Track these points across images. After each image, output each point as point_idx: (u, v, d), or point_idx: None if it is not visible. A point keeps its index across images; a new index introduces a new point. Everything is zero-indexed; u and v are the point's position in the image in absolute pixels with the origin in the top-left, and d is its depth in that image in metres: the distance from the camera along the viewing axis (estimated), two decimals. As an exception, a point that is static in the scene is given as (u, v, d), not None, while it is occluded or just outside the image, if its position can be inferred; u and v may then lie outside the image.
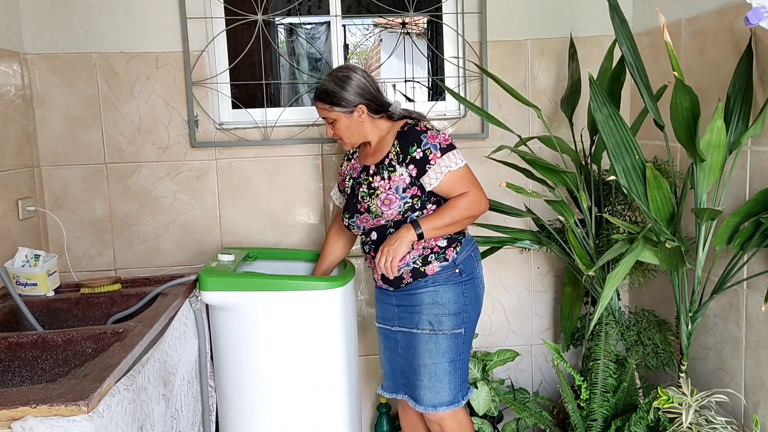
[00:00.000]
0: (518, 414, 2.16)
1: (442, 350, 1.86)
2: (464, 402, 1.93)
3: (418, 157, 1.78)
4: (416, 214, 1.83)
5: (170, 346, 1.70)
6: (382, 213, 1.83)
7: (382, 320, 2.01)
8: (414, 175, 1.79)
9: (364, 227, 1.91)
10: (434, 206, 1.84)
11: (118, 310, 1.90)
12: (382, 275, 1.89)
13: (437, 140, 1.79)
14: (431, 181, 1.79)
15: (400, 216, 1.83)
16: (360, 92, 1.83)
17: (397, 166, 1.81)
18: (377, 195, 1.82)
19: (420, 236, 1.78)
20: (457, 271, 1.86)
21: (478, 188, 1.82)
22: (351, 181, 1.95)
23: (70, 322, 1.91)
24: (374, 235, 1.90)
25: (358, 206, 1.87)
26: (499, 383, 2.34)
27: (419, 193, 1.82)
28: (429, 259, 1.85)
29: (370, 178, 1.85)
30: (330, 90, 1.82)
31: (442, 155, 1.78)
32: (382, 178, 1.82)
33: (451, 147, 1.80)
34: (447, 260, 1.85)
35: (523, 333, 2.57)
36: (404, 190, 1.81)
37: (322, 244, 2.43)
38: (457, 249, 1.87)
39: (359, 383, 2.18)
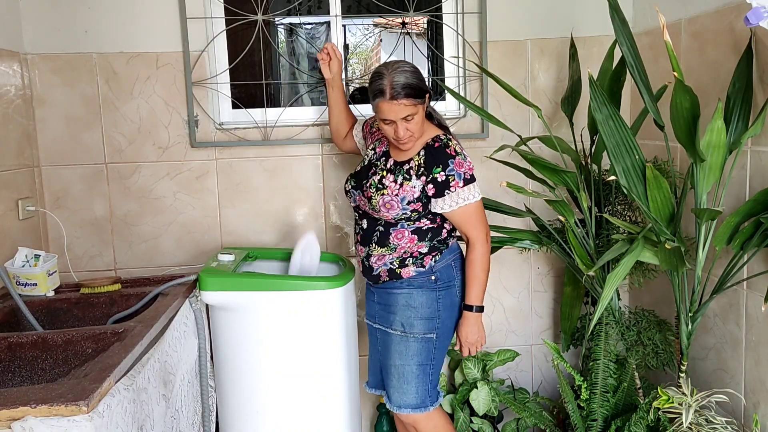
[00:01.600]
0: (518, 414, 2.16)
1: (411, 353, 1.88)
2: (433, 408, 1.93)
3: (439, 180, 1.78)
4: (407, 223, 1.84)
5: (170, 346, 1.70)
6: (379, 210, 1.83)
7: (367, 316, 2.05)
8: (430, 194, 1.80)
9: (359, 205, 1.93)
10: (428, 221, 1.85)
11: (118, 310, 1.90)
12: (363, 265, 1.94)
13: (462, 169, 1.78)
14: (444, 206, 1.80)
15: (393, 221, 1.84)
16: (424, 79, 1.80)
17: (414, 178, 1.80)
18: (382, 194, 1.82)
19: (481, 309, 1.88)
20: (432, 278, 1.87)
21: (484, 226, 1.85)
22: (372, 152, 1.96)
23: (70, 322, 1.91)
24: (365, 224, 1.92)
25: (364, 186, 1.89)
26: (499, 383, 2.34)
27: (420, 209, 1.82)
28: (406, 263, 1.87)
29: (384, 172, 1.85)
30: (413, 83, 1.74)
31: (463, 186, 1.78)
32: (395, 181, 1.82)
33: (472, 179, 1.80)
34: (424, 267, 1.87)
35: (523, 333, 2.57)
36: (408, 203, 1.80)
37: (321, 244, 2.43)
38: (436, 258, 1.88)
39: (359, 383, 2.18)
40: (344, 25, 3.41)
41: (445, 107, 2.51)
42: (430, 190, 1.79)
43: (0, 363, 1.56)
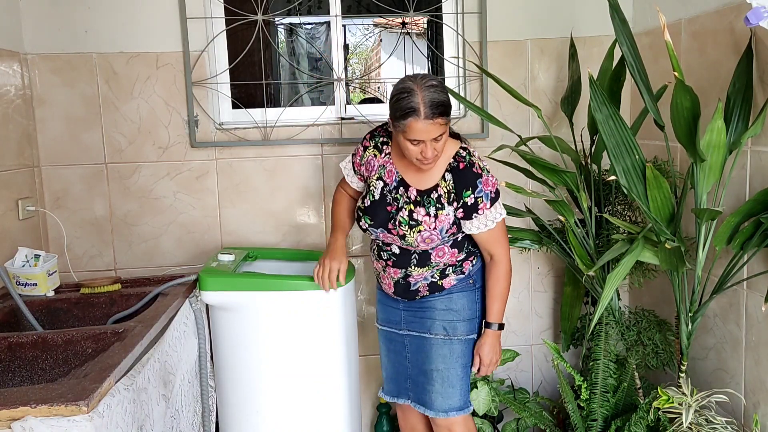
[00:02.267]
0: (518, 414, 2.16)
1: (456, 355, 1.86)
2: (472, 407, 1.93)
3: (469, 203, 1.72)
4: (443, 246, 1.80)
5: (170, 346, 1.70)
6: (417, 245, 1.77)
7: (386, 323, 1.98)
8: (460, 217, 1.75)
9: (384, 240, 1.84)
10: (455, 274, 1.85)
11: (118, 310, 1.90)
12: (396, 286, 1.87)
13: (489, 188, 1.72)
14: (472, 228, 1.76)
15: (431, 249, 1.80)
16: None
17: (446, 205, 1.73)
18: (419, 231, 1.73)
19: (502, 327, 1.86)
20: (471, 281, 1.87)
21: (507, 242, 1.83)
22: (381, 183, 1.81)
23: (70, 322, 1.91)
24: (396, 250, 1.83)
25: (389, 225, 1.77)
26: (499, 383, 2.34)
27: (456, 230, 1.78)
28: (446, 273, 1.84)
29: (412, 207, 1.74)
30: (445, 100, 1.62)
31: (490, 206, 1.73)
32: (428, 214, 1.73)
33: (497, 195, 1.75)
34: (464, 273, 1.86)
35: (523, 333, 2.57)
36: (446, 231, 1.75)
37: (322, 244, 2.44)
38: (473, 261, 1.87)
39: (359, 383, 2.18)
40: (344, 25, 3.41)
41: (445, 107, 2.51)
42: (460, 213, 1.74)
43: (0, 363, 1.56)
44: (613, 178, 1.67)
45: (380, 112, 2.46)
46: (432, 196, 1.74)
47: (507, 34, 2.38)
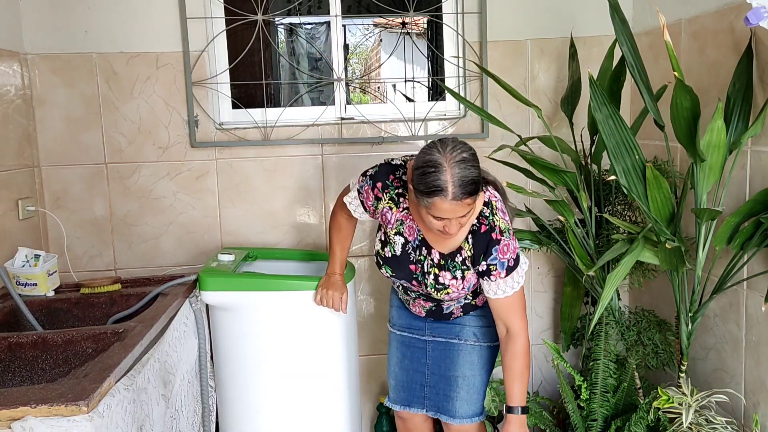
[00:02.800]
0: (518, 414, 2.16)
1: (483, 362, 1.84)
2: (486, 412, 1.92)
3: (481, 269, 1.63)
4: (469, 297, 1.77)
5: (170, 346, 1.70)
6: (443, 300, 1.73)
7: (405, 329, 1.90)
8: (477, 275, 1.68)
9: (410, 287, 1.77)
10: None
11: (118, 310, 1.90)
12: (428, 312, 1.82)
13: (506, 256, 1.60)
14: (489, 291, 1.66)
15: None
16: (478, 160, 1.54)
17: (470, 267, 1.65)
18: (447, 293, 1.68)
19: (526, 411, 1.71)
20: None
21: (525, 315, 1.69)
22: (402, 239, 1.69)
23: (70, 322, 1.91)
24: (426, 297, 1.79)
25: (414, 282, 1.72)
26: (499, 383, 2.34)
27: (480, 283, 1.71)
28: (478, 291, 1.78)
29: (437, 270, 1.66)
30: (476, 176, 1.47)
31: (505, 276, 1.61)
32: (454, 277, 1.66)
33: (516, 263, 1.63)
34: None
35: (523, 333, 2.57)
36: (473, 285, 1.70)
37: (321, 243, 2.44)
38: None
39: (359, 383, 2.18)
40: (344, 25, 3.41)
41: (445, 107, 2.51)
42: (476, 274, 1.67)
43: (0, 363, 1.56)
44: (613, 178, 1.67)
45: (380, 113, 2.46)
46: (456, 260, 1.65)
47: (507, 34, 2.38)
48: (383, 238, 1.73)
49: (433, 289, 1.69)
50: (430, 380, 1.88)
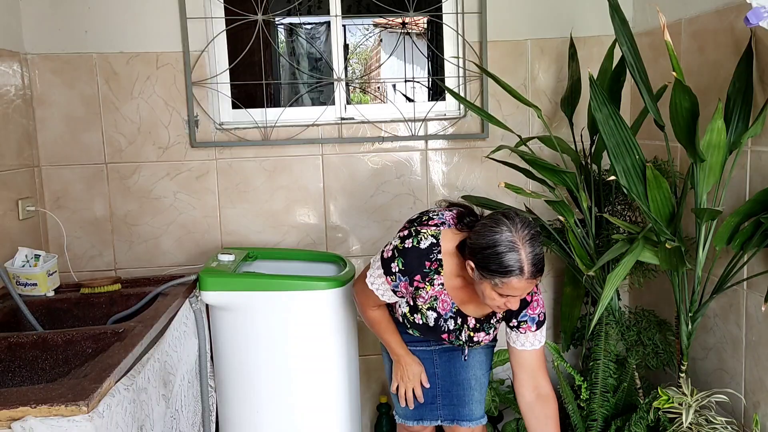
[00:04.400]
0: (518, 414, 2.16)
1: (490, 359, 1.87)
2: None
3: (512, 325, 1.65)
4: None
5: (170, 346, 1.70)
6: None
7: (409, 342, 1.83)
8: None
9: None
10: None
11: (118, 310, 1.90)
12: (451, 341, 1.76)
13: (536, 311, 1.62)
14: (517, 342, 1.66)
15: None
16: None
17: (501, 323, 1.70)
18: (479, 344, 1.73)
19: None
20: None
21: (546, 369, 1.69)
22: (434, 314, 1.67)
23: (70, 322, 1.91)
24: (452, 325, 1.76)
25: (444, 342, 1.74)
26: (499, 383, 2.34)
27: None
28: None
29: (471, 333, 1.69)
30: (543, 254, 1.46)
31: (536, 330, 1.63)
32: (487, 334, 1.71)
33: (545, 317, 1.65)
34: None
35: (523, 333, 2.57)
36: None
37: (321, 244, 2.44)
38: None
39: (359, 383, 2.18)
40: (344, 25, 3.41)
41: (445, 107, 2.51)
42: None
43: (0, 363, 1.56)
44: (613, 178, 1.67)
45: (380, 113, 2.46)
46: (492, 321, 1.69)
47: (507, 34, 2.38)
48: (413, 304, 1.68)
49: (466, 346, 1.74)
50: (442, 389, 1.85)
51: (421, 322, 1.68)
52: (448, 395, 1.84)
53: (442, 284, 1.60)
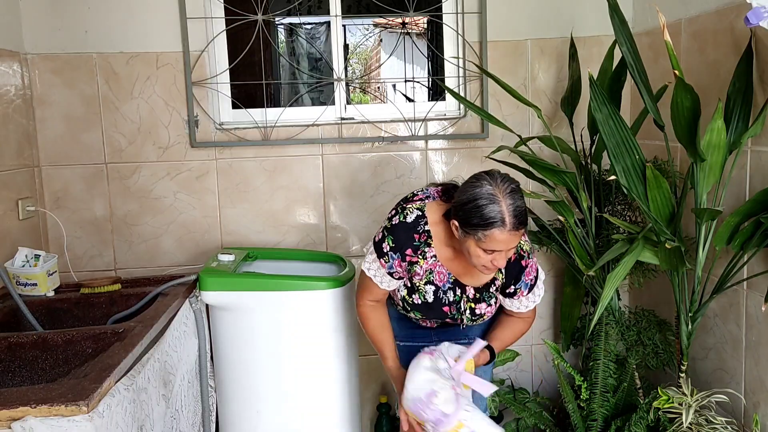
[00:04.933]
0: (518, 414, 2.16)
1: (489, 375, 1.86)
2: None
3: (508, 291, 1.67)
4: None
5: (170, 346, 1.70)
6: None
7: (410, 338, 1.83)
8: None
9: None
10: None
11: (118, 310, 1.90)
12: (449, 322, 1.77)
13: (530, 277, 1.64)
14: (512, 306, 1.70)
15: None
16: None
17: (501, 291, 1.69)
18: (483, 319, 1.71)
19: (492, 357, 1.72)
20: None
21: (535, 310, 1.74)
22: (432, 287, 1.65)
23: (70, 322, 1.91)
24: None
25: (447, 319, 1.71)
26: (499, 383, 2.34)
27: None
28: None
29: (473, 304, 1.67)
30: (525, 208, 1.48)
31: (527, 293, 1.66)
32: (489, 305, 1.68)
33: (537, 279, 1.66)
34: None
35: (523, 333, 2.57)
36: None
37: (321, 244, 2.44)
38: None
39: (359, 383, 2.18)
40: (344, 25, 3.41)
41: (445, 107, 2.51)
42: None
43: (0, 363, 1.56)
44: (613, 178, 1.67)
45: (380, 113, 2.46)
46: (491, 290, 1.67)
47: (507, 34, 2.38)
48: (409, 285, 1.67)
49: (470, 321, 1.70)
50: None
51: (420, 301, 1.67)
52: None
53: (435, 256, 1.62)
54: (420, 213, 1.60)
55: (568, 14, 2.37)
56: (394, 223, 1.61)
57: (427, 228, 1.59)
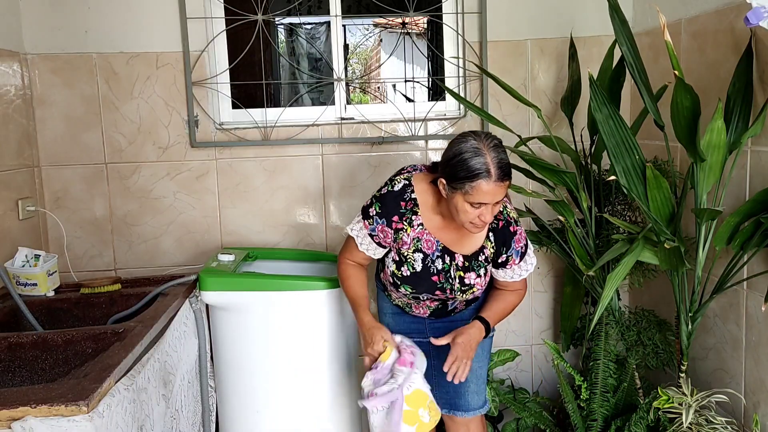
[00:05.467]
0: (518, 414, 2.16)
1: (486, 352, 1.87)
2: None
3: (500, 261, 1.70)
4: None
5: (170, 346, 1.70)
6: (457, 298, 1.75)
7: (405, 334, 1.80)
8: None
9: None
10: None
11: (118, 310, 1.90)
12: (433, 312, 1.80)
13: (520, 245, 1.69)
14: (506, 277, 1.74)
15: None
16: None
17: (491, 263, 1.72)
18: (473, 291, 1.71)
19: (488, 331, 1.73)
20: None
21: (526, 283, 1.78)
22: (421, 255, 1.68)
23: (70, 322, 1.91)
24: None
25: (437, 292, 1.72)
26: (499, 383, 2.34)
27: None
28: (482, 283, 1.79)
29: (462, 273, 1.69)
30: (509, 161, 1.54)
31: (519, 261, 1.70)
32: (478, 276, 1.70)
33: (527, 247, 1.71)
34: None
35: (523, 333, 2.57)
36: (490, 277, 1.76)
37: (321, 244, 2.44)
38: None
39: (359, 383, 2.18)
40: (344, 25, 3.41)
41: (445, 107, 2.51)
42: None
43: (0, 363, 1.56)
44: (613, 178, 1.67)
45: (380, 113, 2.46)
46: (480, 258, 1.69)
47: (507, 34, 2.38)
48: (397, 258, 1.70)
49: (459, 293, 1.71)
50: (439, 380, 1.85)
51: (409, 272, 1.69)
52: (446, 387, 1.86)
53: (422, 224, 1.67)
54: (407, 182, 1.67)
55: (568, 14, 2.37)
56: (382, 192, 1.68)
57: (413, 196, 1.66)
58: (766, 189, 1.59)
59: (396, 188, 1.67)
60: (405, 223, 1.66)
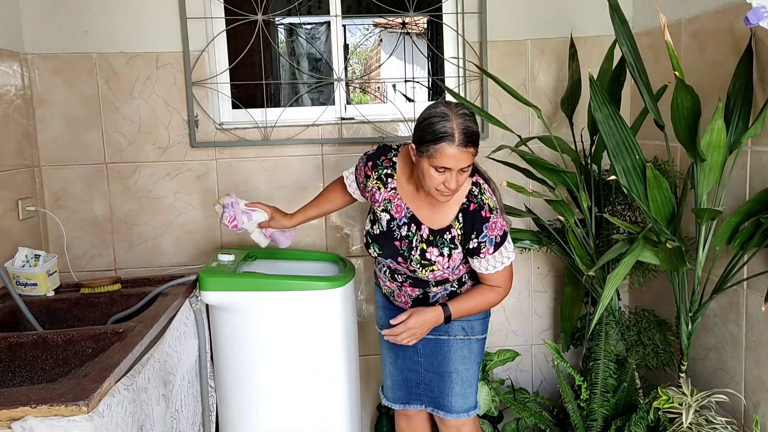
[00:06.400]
0: (518, 414, 2.16)
1: (474, 354, 1.86)
2: (480, 405, 1.95)
3: (471, 247, 1.68)
4: (453, 284, 1.80)
5: (170, 346, 1.70)
6: (428, 280, 1.75)
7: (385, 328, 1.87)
8: (465, 255, 1.73)
9: (396, 269, 1.81)
10: (471, 280, 1.82)
11: (118, 310, 1.90)
12: (414, 301, 1.83)
13: (495, 233, 1.67)
14: (481, 268, 1.72)
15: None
16: None
17: (459, 246, 1.70)
18: (432, 270, 1.71)
19: (447, 319, 1.75)
20: None
21: (509, 283, 1.77)
22: (387, 216, 1.75)
23: (70, 322, 1.91)
24: (412, 273, 1.79)
25: (399, 259, 1.74)
26: (499, 383, 2.34)
27: (468, 264, 1.76)
28: (464, 280, 1.81)
29: (425, 246, 1.70)
30: (477, 131, 1.58)
31: (494, 251, 1.68)
32: (441, 254, 1.69)
33: (504, 239, 1.69)
34: (477, 277, 1.81)
35: (523, 333, 2.57)
36: (457, 266, 1.74)
37: (322, 244, 2.44)
38: None
39: (359, 383, 2.18)
40: (344, 25, 3.41)
41: (445, 107, 2.51)
42: (463, 252, 1.73)
43: (0, 363, 1.56)
44: (613, 178, 1.67)
45: (380, 113, 2.46)
46: (446, 237, 1.70)
47: (507, 34, 2.38)
48: (372, 218, 1.80)
49: (418, 265, 1.71)
50: (425, 377, 1.91)
51: (378, 231, 1.77)
52: (430, 385, 1.90)
53: (395, 189, 1.76)
54: (396, 149, 1.80)
55: (568, 14, 2.37)
56: (381, 144, 1.83)
57: (395, 160, 1.77)
58: (766, 189, 1.59)
59: (391, 146, 1.81)
60: (373, 173, 1.79)
